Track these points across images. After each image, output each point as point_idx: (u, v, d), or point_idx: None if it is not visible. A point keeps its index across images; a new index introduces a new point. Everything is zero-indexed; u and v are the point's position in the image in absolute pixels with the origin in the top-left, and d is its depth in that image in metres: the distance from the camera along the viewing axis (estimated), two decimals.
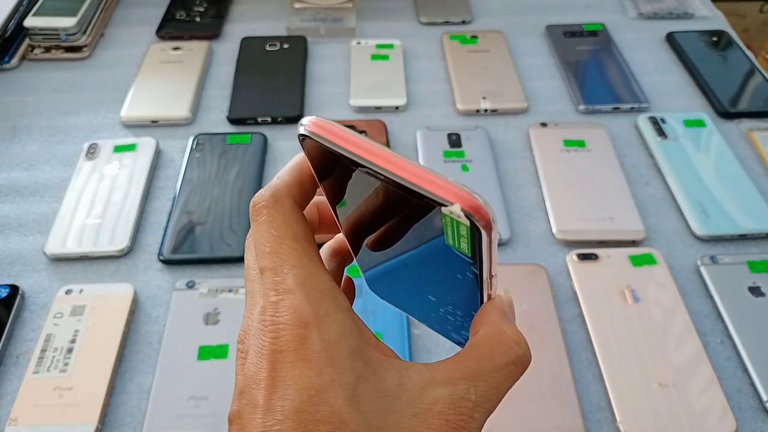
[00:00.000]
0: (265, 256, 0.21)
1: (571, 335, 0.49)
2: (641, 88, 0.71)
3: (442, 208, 0.19)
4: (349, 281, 0.25)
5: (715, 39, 0.78)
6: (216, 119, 0.68)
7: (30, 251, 0.55)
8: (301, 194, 0.23)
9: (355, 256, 0.25)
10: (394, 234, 0.22)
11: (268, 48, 0.76)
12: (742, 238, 0.56)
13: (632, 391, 0.45)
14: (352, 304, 0.24)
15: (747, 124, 0.68)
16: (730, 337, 0.49)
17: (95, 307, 0.50)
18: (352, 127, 0.24)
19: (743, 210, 0.57)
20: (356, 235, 0.24)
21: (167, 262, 0.54)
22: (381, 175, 0.19)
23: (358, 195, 0.22)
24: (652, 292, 0.51)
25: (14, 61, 0.74)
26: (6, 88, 0.72)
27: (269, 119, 0.67)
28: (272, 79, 0.72)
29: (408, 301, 0.27)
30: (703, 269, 0.53)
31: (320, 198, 0.24)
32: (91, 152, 0.62)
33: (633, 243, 0.55)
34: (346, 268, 0.26)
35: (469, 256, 0.21)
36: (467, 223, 0.19)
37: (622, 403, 0.45)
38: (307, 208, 0.24)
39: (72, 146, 0.64)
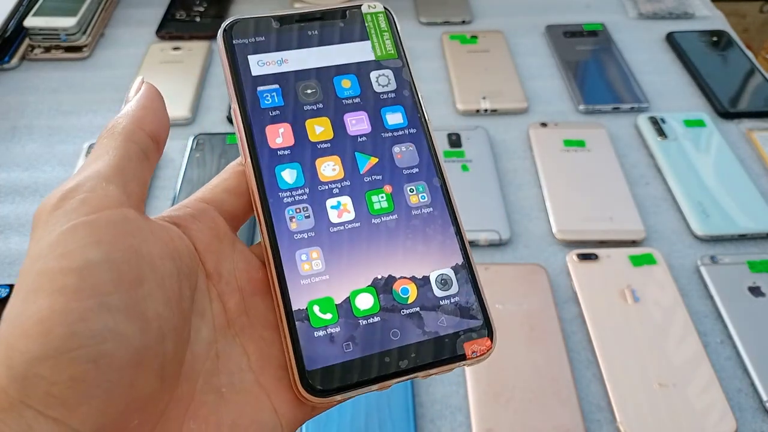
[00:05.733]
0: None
1: (571, 335, 0.49)
2: (641, 88, 0.71)
3: (362, 6, 0.26)
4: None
5: (715, 39, 0.78)
6: (216, 119, 0.68)
7: None
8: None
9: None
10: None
11: None
12: (742, 238, 0.56)
13: (632, 391, 0.45)
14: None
15: (747, 124, 0.68)
16: (730, 337, 0.49)
17: None
18: None
19: (743, 210, 0.57)
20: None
21: None
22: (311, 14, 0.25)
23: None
24: (652, 292, 0.51)
25: (14, 61, 0.74)
26: (6, 88, 0.72)
27: None
28: None
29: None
30: (703, 269, 0.53)
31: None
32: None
33: (633, 243, 0.55)
34: None
35: (396, 56, 0.26)
36: (382, 8, 0.26)
37: (622, 403, 0.45)
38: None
39: (72, 146, 0.64)
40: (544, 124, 0.66)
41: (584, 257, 0.53)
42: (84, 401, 0.16)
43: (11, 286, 0.51)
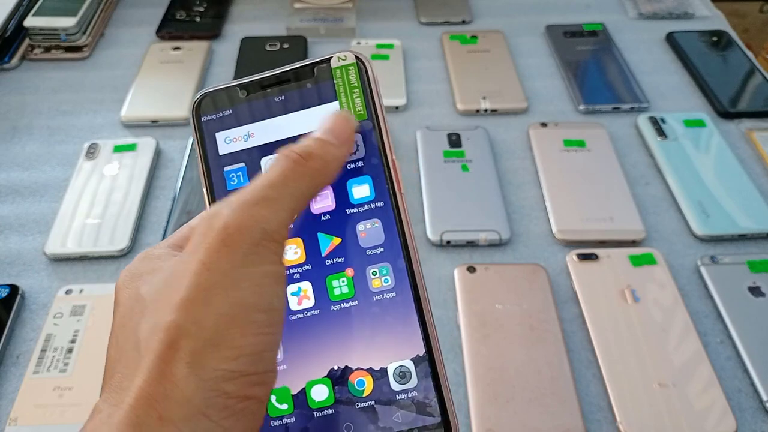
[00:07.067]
0: None
1: (571, 335, 0.49)
2: (641, 88, 0.71)
3: (332, 59, 0.24)
4: None
5: (715, 39, 0.78)
6: None
7: (30, 251, 0.55)
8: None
9: None
10: None
11: (268, 48, 0.76)
12: (742, 238, 0.56)
13: (632, 391, 0.45)
14: None
15: (747, 124, 0.68)
16: (730, 337, 0.49)
17: (95, 307, 0.50)
18: None
19: (743, 210, 0.57)
20: None
21: None
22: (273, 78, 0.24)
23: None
24: (652, 292, 0.51)
25: (14, 61, 0.74)
26: (6, 88, 0.72)
27: None
28: None
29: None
30: (703, 269, 0.53)
31: None
32: (91, 152, 0.62)
33: (633, 243, 0.55)
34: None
35: (366, 116, 0.23)
36: (353, 59, 0.24)
37: (622, 403, 0.45)
38: None
39: (72, 146, 0.64)
40: (544, 124, 0.66)
41: (584, 257, 0.53)
42: (247, 414, 0.19)
43: (11, 286, 0.51)
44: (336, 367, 0.22)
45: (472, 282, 0.51)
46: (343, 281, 0.23)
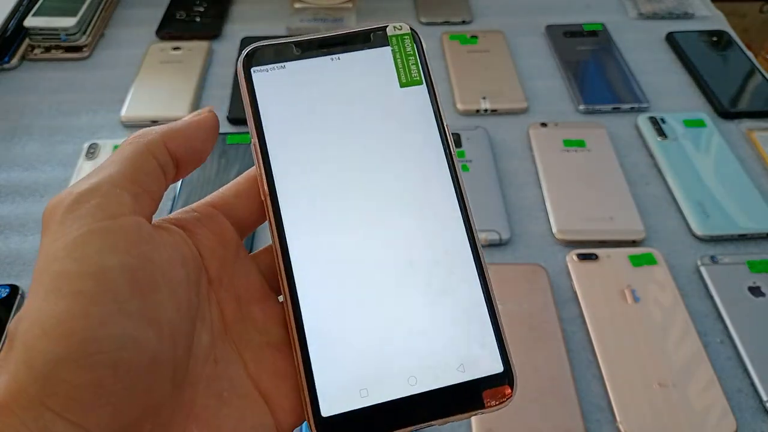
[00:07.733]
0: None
1: (571, 335, 0.49)
2: (641, 88, 0.71)
3: (387, 28, 0.25)
4: None
5: (715, 39, 0.78)
6: None
7: (30, 251, 0.55)
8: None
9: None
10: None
11: None
12: (742, 238, 0.56)
13: (632, 391, 0.45)
14: None
15: (747, 124, 0.68)
16: (730, 337, 0.49)
17: None
18: None
19: (743, 210, 0.57)
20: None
21: None
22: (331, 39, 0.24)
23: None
24: (652, 292, 0.51)
25: (14, 61, 0.74)
26: (6, 88, 0.72)
27: None
28: None
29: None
30: (703, 269, 0.53)
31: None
32: (91, 152, 0.62)
33: (633, 243, 0.55)
34: None
35: (422, 82, 0.25)
36: (408, 30, 0.25)
37: (622, 403, 0.45)
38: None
39: (72, 146, 0.64)
40: (544, 124, 0.66)
41: (584, 257, 0.53)
42: (102, 405, 0.16)
43: (11, 286, 0.51)
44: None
45: None
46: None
